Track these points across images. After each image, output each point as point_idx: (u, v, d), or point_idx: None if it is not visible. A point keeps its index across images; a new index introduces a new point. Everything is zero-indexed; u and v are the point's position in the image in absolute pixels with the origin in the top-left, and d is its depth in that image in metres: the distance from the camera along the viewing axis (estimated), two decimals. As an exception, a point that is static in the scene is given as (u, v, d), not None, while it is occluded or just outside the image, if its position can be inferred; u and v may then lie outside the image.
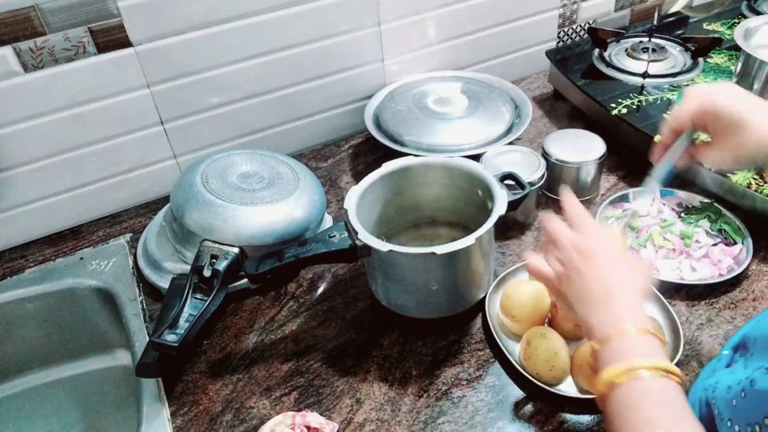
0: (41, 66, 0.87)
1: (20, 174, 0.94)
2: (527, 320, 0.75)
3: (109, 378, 0.98)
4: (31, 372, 0.97)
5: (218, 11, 0.95)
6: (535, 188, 0.90)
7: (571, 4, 1.25)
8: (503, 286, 0.80)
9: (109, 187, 1.02)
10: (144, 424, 0.72)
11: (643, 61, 1.11)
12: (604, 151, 0.94)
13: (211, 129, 1.05)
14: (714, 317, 0.78)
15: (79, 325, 0.95)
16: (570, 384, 0.71)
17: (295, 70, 1.06)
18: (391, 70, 1.16)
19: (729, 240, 0.85)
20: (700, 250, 0.84)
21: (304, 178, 0.93)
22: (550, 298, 0.76)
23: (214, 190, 0.86)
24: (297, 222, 0.87)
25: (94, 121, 0.95)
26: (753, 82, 0.88)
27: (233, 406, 0.74)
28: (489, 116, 1.03)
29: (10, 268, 0.95)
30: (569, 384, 0.71)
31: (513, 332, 0.77)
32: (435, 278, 0.75)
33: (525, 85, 1.27)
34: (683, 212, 0.90)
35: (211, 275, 0.80)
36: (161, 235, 0.92)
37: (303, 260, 0.74)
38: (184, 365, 0.79)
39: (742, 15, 1.24)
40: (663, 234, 0.86)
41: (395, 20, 1.10)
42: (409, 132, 1.01)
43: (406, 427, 0.69)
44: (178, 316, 0.76)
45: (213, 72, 0.99)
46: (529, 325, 0.75)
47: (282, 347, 0.80)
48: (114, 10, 0.88)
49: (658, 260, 0.84)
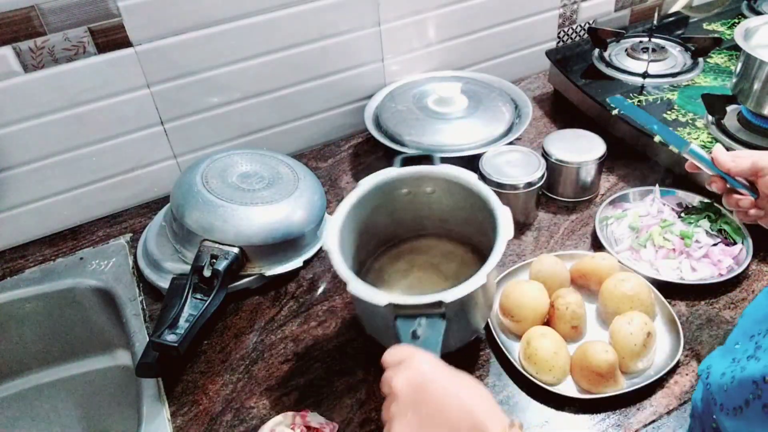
0: (41, 66, 0.87)
1: (20, 174, 0.94)
2: (527, 320, 0.75)
3: (109, 378, 0.98)
4: (31, 372, 0.97)
5: (218, 11, 0.95)
6: (535, 188, 0.90)
7: (571, 4, 1.25)
8: (502, 286, 0.80)
9: (109, 187, 1.02)
10: (144, 424, 0.72)
11: (643, 61, 1.11)
12: (604, 151, 0.94)
13: (211, 129, 1.05)
14: (714, 317, 0.78)
15: (78, 326, 0.95)
16: (570, 384, 0.71)
17: (295, 70, 1.06)
18: (391, 70, 1.16)
19: (729, 240, 0.85)
20: (700, 250, 0.84)
21: (304, 178, 0.93)
22: (549, 299, 0.76)
23: (214, 190, 0.86)
24: (297, 222, 0.88)
25: (94, 121, 0.95)
26: (753, 82, 0.88)
27: (233, 406, 0.74)
28: (489, 116, 1.03)
29: (10, 268, 0.95)
30: (569, 384, 0.71)
31: (512, 332, 0.77)
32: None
33: (525, 85, 1.27)
34: (683, 212, 0.90)
35: (211, 275, 0.80)
36: (161, 235, 0.92)
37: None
38: (184, 365, 0.79)
39: (742, 15, 1.24)
40: (663, 234, 0.86)
41: (395, 20, 1.10)
42: (409, 132, 1.01)
43: (406, 427, 0.69)
44: (178, 316, 0.76)
45: (213, 72, 0.99)
46: (529, 325, 0.74)
47: (282, 347, 0.80)
48: (114, 10, 0.88)
49: (658, 260, 0.84)
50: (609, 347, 0.69)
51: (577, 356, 0.71)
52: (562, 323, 0.75)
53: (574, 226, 0.93)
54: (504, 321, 0.77)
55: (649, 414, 0.68)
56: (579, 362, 0.70)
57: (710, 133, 0.94)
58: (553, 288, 0.78)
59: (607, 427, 0.67)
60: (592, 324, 0.78)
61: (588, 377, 0.69)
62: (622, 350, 0.70)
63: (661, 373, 0.70)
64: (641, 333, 0.70)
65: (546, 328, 0.74)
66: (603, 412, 0.69)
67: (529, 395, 0.71)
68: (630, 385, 0.69)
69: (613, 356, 0.68)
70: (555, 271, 0.80)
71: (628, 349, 0.70)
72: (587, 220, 0.94)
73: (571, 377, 0.72)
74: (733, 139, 0.92)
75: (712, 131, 0.94)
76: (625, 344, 0.70)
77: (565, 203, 0.97)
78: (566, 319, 0.75)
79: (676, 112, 0.99)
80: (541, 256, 0.83)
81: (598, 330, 0.78)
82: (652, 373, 0.71)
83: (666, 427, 0.67)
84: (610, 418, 0.68)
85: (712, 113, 0.96)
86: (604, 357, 0.68)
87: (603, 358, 0.68)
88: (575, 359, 0.71)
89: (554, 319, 0.76)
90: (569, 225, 0.94)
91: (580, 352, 0.71)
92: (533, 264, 0.82)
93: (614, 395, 0.68)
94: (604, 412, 0.69)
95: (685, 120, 0.97)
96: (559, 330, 0.74)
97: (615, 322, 0.73)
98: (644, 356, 0.71)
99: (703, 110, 0.97)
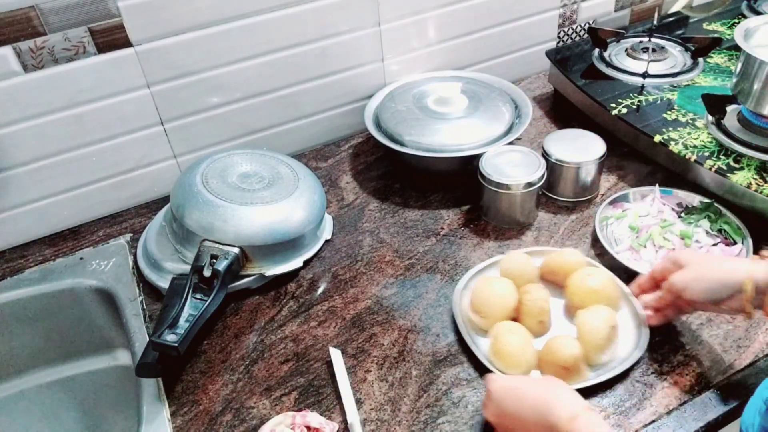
0: (41, 66, 0.87)
1: (20, 174, 0.94)
2: (495, 316, 0.76)
3: (109, 378, 0.98)
4: (31, 372, 0.97)
5: (218, 11, 0.95)
6: (535, 188, 0.90)
7: (571, 4, 1.25)
8: (473, 284, 0.82)
9: (109, 187, 1.02)
10: (144, 424, 0.72)
11: (643, 61, 1.11)
12: (604, 151, 0.94)
13: (211, 129, 1.05)
14: (714, 317, 0.78)
15: (78, 326, 0.95)
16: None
17: (295, 70, 1.06)
18: (391, 70, 1.16)
19: (729, 240, 0.85)
20: (701, 251, 0.84)
21: (304, 178, 0.93)
22: (517, 295, 0.78)
23: (214, 190, 0.86)
24: (297, 222, 0.88)
25: (94, 121, 0.95)
26: (753, 82, 0.88)
27: (233, 406, 0.74)
28: (489, 116, 1.03)
29: (10, 269, 0.95)
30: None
31: (482, 328, 0.78)
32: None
33: (525, 85, 1.27)
34: (683, 212, 0.90)
35: (211, 275, 0.80)
36: (161, 235, 0.92)
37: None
38: (184, 365, 0.79)
39: (741, 15, 1.25)
40: (663, 234, 0.86)
41: (395, 20, 1.10)
42: (409, 132, 1.01)
43: (406, 427, 0.69)
44: (178, 316, 0.76)
45: (213, 72, 0.99)
46: (497, 321, 0.76)
47: (282, 347, 0.80)
48: (114, 10, 0.88)
49: (658, 260, 0.84)
50: (574, 341, 0.71)
51: (544, 351, 0.73)
52: (529, 318, 0.77)
53: (574, 226, 0.93)
54: (473, 318, 0.79)
55: (649, 414, 0.68)
56: (545, 356, 0.72)
57: (710, 133, 0.94)
58: (522, 285, 0.80)
59: (607, 427, 0.67)
60: (560, 318, 0.80)
61: (554, 371, 0.70)
62: (587, 343, 0.72)
63: (626, 366, 0.71)
64: (606, 326, 0.72)
65: (513, 324, 0.75)
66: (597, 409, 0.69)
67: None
68: (594, 376, 0.71)
69: (578, 350, 0.70)
70: (523, 267, 0.82)
71: (593, 343, 0.72)
72: (587, 220, 0.94)
73: (539, 371, 0.73)
74: (733, 139, 0.92)
75: (712, 131, 0.94)
76: (591, 338, 0.72)
77: (565, 203, 0.97)
78: (533, 314, 0.76)
79: (676, 112, 0.99)
80: (510, 253, 0.84)
81: (566, 324, 0.79)
82: (617, 365, 0.72)
83: (666, 427, 0.67)
84: (610, 419, 0.68)
85: (712, 113, 0.96)
86: (570, 351, 0.70)
87: (569, 352, 0.70)
88: (542, 354, 0.73)
89: (521, 314, 0.77)
90: (569, 225, 0.94)
91: (546, 346, 0.72)
92: (502, 261, 0.84)
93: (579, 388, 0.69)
94: (601, 411, 0.69)
95: (685, 120, 0.97)
96: (527, 325, 0.76)
97: (580, 316, 0.74)
98: (608, 349, 0.72)
99: (703, 110, 0.97)
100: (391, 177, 1.07)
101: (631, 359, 0.72)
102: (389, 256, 0.91)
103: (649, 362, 0.73)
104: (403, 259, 0.91)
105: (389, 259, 0.91)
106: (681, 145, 0.92)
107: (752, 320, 0.76)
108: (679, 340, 0.75)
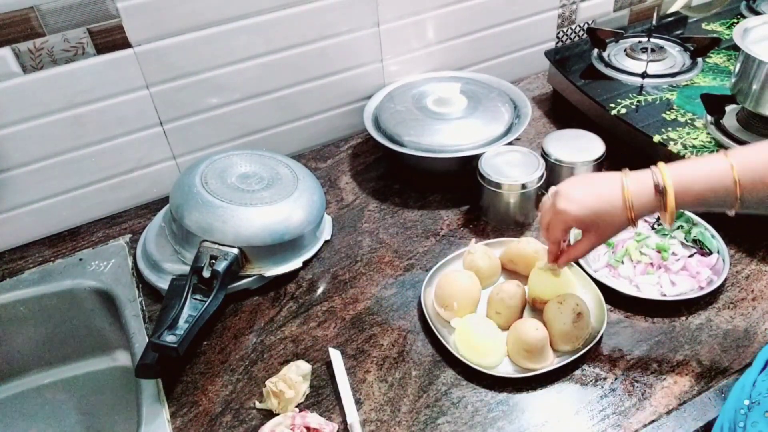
0: (40, 67, 0.87)
1: (19, 175, 0.94)
2: (460, 309, 0.77)
3: (108, 379, 0.98)
4: (30, 373, 0.97)
5: (217, 12, 0.95)
6: (535, 188, 0.91)
7: (570, 4, 1.25)
8: (437, 277, 0.83)
9: (109, 188, 1.02)
10: (144, 425, 0.72)
11: (642, 61, 1.11)
12: (603, 151, 0.94)
13: (210, 130, 1.05)
14: (714, 317, 0.78)
15: (78, 327, 0.95)
16: (508, 364, 0.74)
17: (294, 70, 1.06)
18: (390, 71, 1.16)
19: (705, 250, 0.85)
20: (678, 263, 0.83)
21: (303, 179, 0.93)
22: (480, 286, 0.80)
23: (213, 191, 0.86)
24: (296, 223, 0.88)
25: (93, 122, 0.95)
26: (752, 81, 0.88)
27: (233, 406, 0.74)
28: (488, 116, 1.03)
29: (9, 270, 0.95)
30: (507, 364, 0.74)
31: (448, 321, 0.79)
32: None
33: (524, 85, 1.27)
34: (656, 223, 0.90)
35: (211, 276, 0.80)
36: (161, 236, 0.92)
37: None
38: (184, 366, 0.79)
39: (740, 15, 1.25)
40: (639, 248, 0.86)
41: (394, 21, 1.10)
42: (408, 132, 1.01)
43: (406, 428, 0.69)
44: (177, 316, 0.76)
45: (212, 72, 0.99)
46: (463, 313, 0.77)
47: (282, 348, 0.80)
48: (113, 11, 0.88)
49: (637, 276, 0.83)
50: (540, 324, 0.73)
51: (511, 336, 0.74)
52: (492, 312, 0.78)
53: (574, 226, 0.93)
54: (440, 311, 0.80)
55: (648, 414, 0.68)
56: (513, 341, 0.74)
57: (709, 133, 0.94)
58: (485, 276, 0.82)
59: (607, 427, 0.67)
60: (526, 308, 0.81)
61: (522, 354, 0.72)
62: (552, 330, 0.73)
63: (583, 350, 0.73)
64: (571, 313, 0.73)
65: (478, 316, 0.77)
66: (597, 409, 0.69)
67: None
68: (559, 361, 0.72)
69: (543, 333, 0.72)
70: (486, 259, 0.83)
71: (558, 329, 0.73)
72: (586, 220, 0.94)
73: (508, 358, 0.75)
74: (732, 138, 0.92)
75: (711, 131, 0.94)
76: (556, 324, 0.73)
77: (565, 203, 0.97)
78: (496, 311, 0.78)
79: (675, 112, 0.99)
80: (472, 245, 0.85)
81: (528, 312, 0.81)
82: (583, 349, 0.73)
83: (666, 427, 0.67)
84: (609, 419, 0.68)
85: (711, 113, 0.96)
86: (534, 334, 0.72)
87: (533, 335, 0.72)
88: (510, 339, 0.74)
89: (488, 306, 0.79)
90: (569, 225, 0.94)
91: (513, 331, 0.74)
92: (465, 254, 0.85)
93: (546, 372, 0.72)
94: (601, 411, 0.69)
95: (684, 120, 0.97)
96: (492, 317, 0.78)
97: (548, 304, 0.76)
98: (576, 336, 0.73)
99: (702, 110, 0.97)
100: (391, 177, 1.07)
101: (590, 343, 0.74)
102: (389, 256, 0.91)
103: (649, 362, 0.73)
104: (402, 260, 0.91)
105: (389, 259, 0.91)
106: (680, 145, 0.92)
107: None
108: (678, 340, 0.75)
